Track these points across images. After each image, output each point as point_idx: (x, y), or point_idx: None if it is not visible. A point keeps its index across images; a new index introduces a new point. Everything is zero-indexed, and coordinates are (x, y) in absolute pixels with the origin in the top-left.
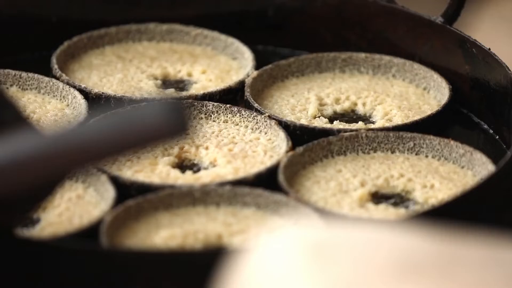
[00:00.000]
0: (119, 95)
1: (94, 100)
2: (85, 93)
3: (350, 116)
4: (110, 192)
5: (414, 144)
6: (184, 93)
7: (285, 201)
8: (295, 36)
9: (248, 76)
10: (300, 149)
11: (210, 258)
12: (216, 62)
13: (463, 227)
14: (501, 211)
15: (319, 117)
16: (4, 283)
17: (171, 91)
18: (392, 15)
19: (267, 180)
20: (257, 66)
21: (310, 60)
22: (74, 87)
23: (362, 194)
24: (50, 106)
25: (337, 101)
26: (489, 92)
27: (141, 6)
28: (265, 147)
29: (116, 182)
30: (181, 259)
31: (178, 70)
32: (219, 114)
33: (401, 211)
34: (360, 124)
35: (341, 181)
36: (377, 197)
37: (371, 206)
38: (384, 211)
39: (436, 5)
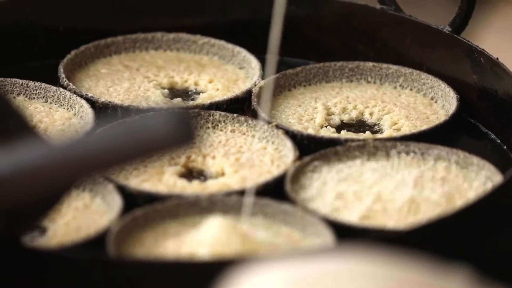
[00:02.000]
0: (126, 104)
1: (101, 109)
2: (92, 102)
3: (357, 125)
4: (117, 202)
5: (422, 154)
6: (191, 103)
7: (292, 210)
8: (302, 45)
9: (255, 85)
10: (307, 159)
11: (217, 268)
12: (223, 71)
13: (456, 249)
14: (509, 221)
15: (326, 126)
16: None
17: (178, 101)
18: (400, 24)
19: (274, 190)
20: (264, 75)
21: (317, 69)
22: (81, 96)
23: (370, 203)
24: (57, 115)
25: (344, 110)
26: (497, 101)
27: (148, 15)
28: (272, 157)
29: (123, 191)
30: (188, 269)
31: (185, 79)
32: (226, 123)
33: (411, 218)
34: (367, 134)
35: (348, 191)
36: (385, 205)
37: (379, 214)
38: (391, 218)
39: (444, 15)
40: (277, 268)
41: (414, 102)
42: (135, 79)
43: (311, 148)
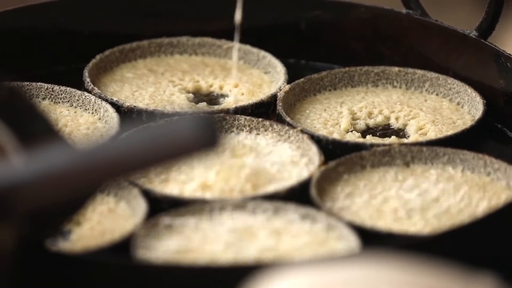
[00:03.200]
0: (151, 108)
1: (126, 113)
2: (117, 107)
3: (383, 130)
4: (141, 206)
5: (448, 159)
6: (216, 107)
7: (317, 215)
8: (327, 49)
9: (280, 90)
10: (332, 164)
11: (241, 273)
12: (248, 75)
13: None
14: None
15: (351, 131)
16: None
17: (203, 105)
18: (426, 29)
19: (299, 194)
20: (289, 80)
21: (343, 74)
22: (106, 100)
23: (395, 209)
24: (82, 120)
25: (370, 115)
26: None
27: (173, 20)
28: (298, 161)
29: (148, 195)
30: (212, 274)
31: (210, 83)
32: (251, 128)
33: (436, 224)
34: (393, 139)
35: (374, 196)
36: (410, 211)
37: (404, 219)
38: (416, 224)
39: (470, 19)
40: (301, 273)
41: (440, 107)
42: (160, 84)
43: (336, 153)
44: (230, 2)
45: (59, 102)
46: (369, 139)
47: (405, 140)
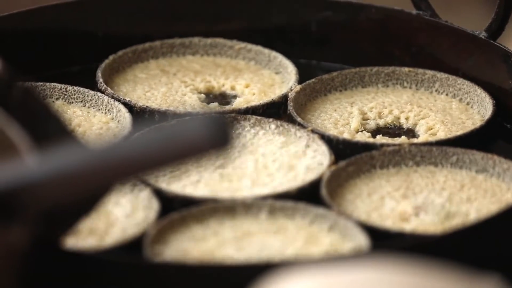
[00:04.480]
0: (163, 109)
1: (138, 113)
2: (129, 107)
3: (393, 130)
4: (153, 205)
5: (457, 159)
6: (227, 107)
7: (327, 215)
8: (338, 50)
9: (291, 90)
10: (342, 163)
11: (253, 272)
12: (260, 76)
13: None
14: None
15: (361, 131)
16: None
17: (214, 105)
18: (436, 29)
19: (309, 194)
20: (300, 80)
21: (353, 74)
22: (119, 100)
23: (404, 209)
24: (95, 120)
25: (380, 115)
26: None
27: (185, 21)
28: (308, 161)
29: (160, 195)
30: (223, 273)
31: (221, 84)
32: (262, 128)
33: (445, 224)
34: (403, 139)
35: (383, 195)
36: (419, 211)
37: (413, 219)
38: (426, 224)
39: (480, 20)
40: (309, 274)
41: (450, 107)
42: (172, 84)
43: (346, 153)
44: (241, 3)
45: (72, 102)
46: (379, 139)
47: (415, 140)
